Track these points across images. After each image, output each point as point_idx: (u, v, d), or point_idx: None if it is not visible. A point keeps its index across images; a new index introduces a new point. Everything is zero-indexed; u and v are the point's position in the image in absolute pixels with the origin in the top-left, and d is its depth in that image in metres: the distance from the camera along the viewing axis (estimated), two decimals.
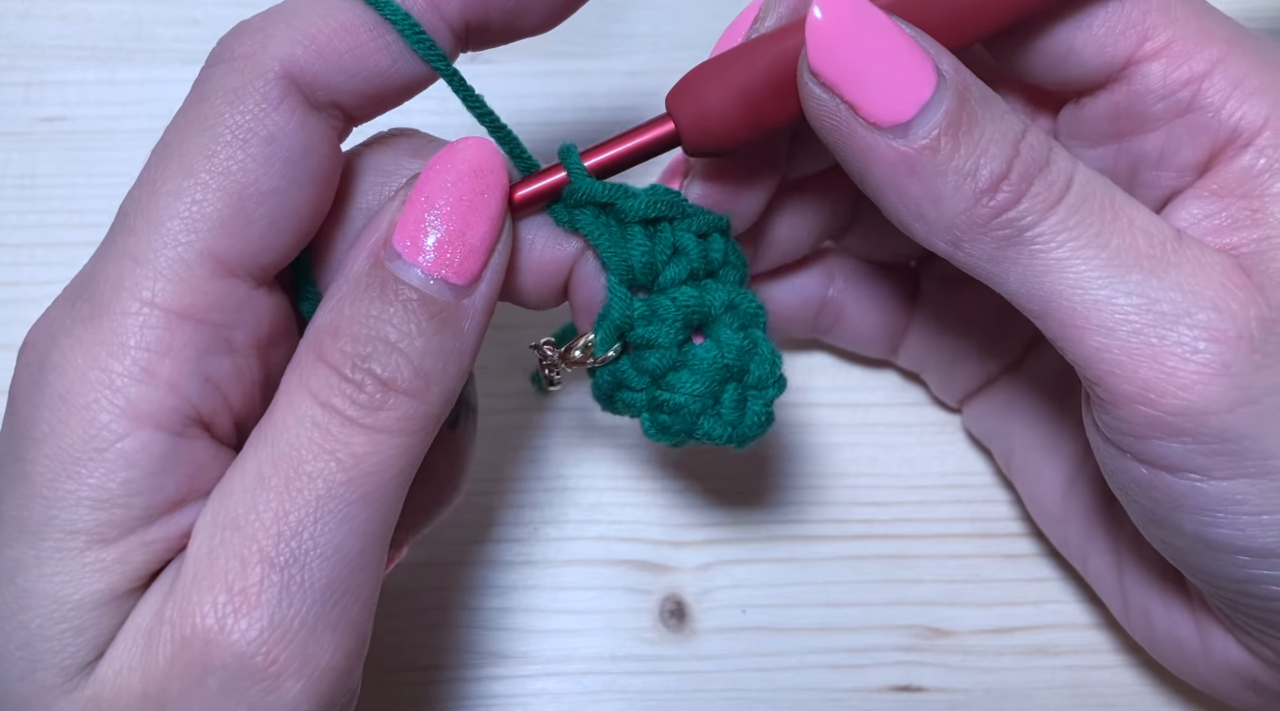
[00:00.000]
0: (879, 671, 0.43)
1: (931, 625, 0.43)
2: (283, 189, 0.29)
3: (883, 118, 0.29)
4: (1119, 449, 0.30)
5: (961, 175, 0.29)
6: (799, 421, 0.46)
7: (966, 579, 0.44)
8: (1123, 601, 0.39)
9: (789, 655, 0.43)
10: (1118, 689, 0.43)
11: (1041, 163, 0.29)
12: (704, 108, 0.31)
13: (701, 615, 0.44)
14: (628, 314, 0.32)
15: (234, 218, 0.28)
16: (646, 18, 0.48)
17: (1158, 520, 0.31)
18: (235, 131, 0.28)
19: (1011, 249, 0.29)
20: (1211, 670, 0.36)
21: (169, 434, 0.28)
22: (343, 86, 0.30)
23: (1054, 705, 0.43)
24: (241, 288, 0.29)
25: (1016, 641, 0.43)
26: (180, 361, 0.28)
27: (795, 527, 0.44)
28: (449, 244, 0.29)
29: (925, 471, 0.45)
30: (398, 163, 0.33)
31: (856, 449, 0.45)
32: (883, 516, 0.45)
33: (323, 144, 0.30)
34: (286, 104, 0.29)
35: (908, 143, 0.29)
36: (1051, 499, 0.41)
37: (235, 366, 0.29)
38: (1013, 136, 0.29)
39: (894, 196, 0.30)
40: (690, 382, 0.32)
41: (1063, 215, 0.29)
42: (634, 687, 0.43)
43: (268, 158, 0.29)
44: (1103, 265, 0.28)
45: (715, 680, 0.43)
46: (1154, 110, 0.31)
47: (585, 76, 0.47)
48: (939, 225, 0.29)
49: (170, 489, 0.28)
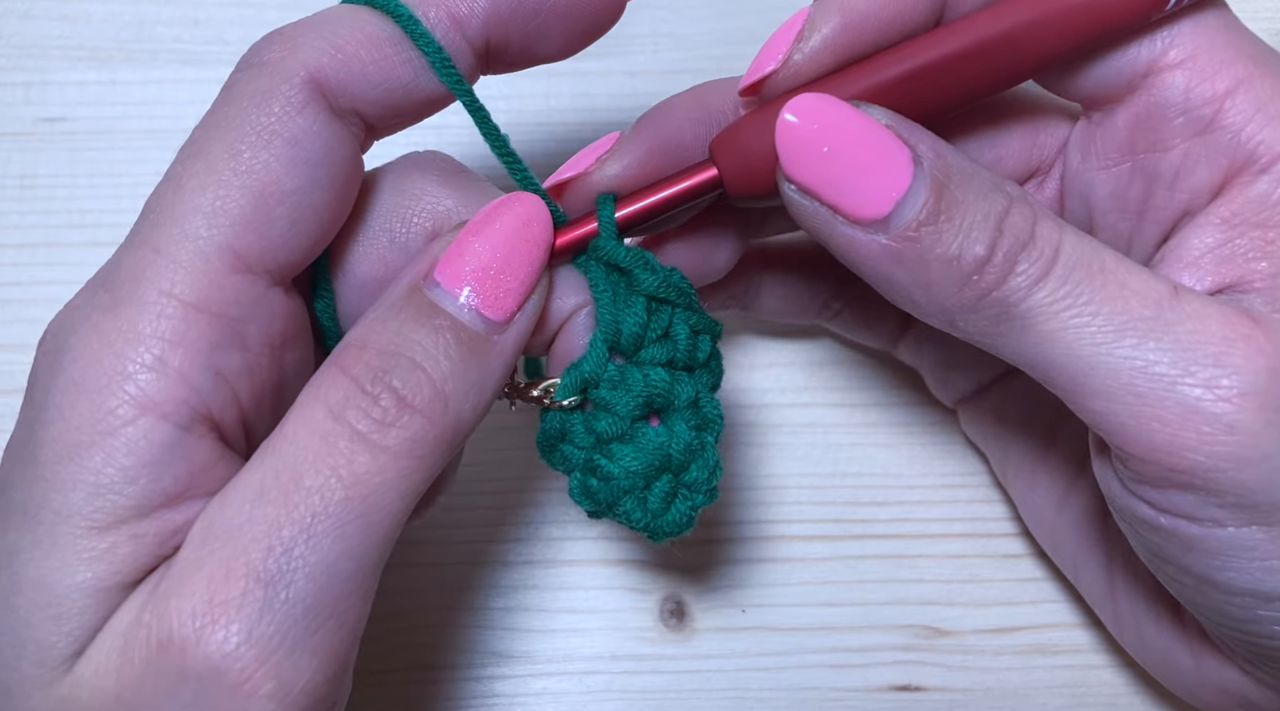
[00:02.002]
0: (879, 671, 0.43)
1: (931, 625, 0.44)
2: (303, 189, 0.30)
3: (861, 214, 0.29)
4: (1130, 492, 0.30)
5: (945, 261, 0.29)
6: (799, 421, 0.46)
7: (966, 579, 0.44)
8: (1114, 613, 0.39)
9: (789, 655, 0.43)
10: (1117, 688, 0.43)
11: (1025, 238, 0.29)
12: (749, 155, 0.31)
13: (701, 615, 0.44)
14: (598, 372, 0.33)
15: (255, 215, 0.29)
16: (646, 18, 0.48)
17: (1165, 558, 0.31)
18: (260, 132, 0.29)
19: (1004, 324, 0.29)
20: (1203, 687, 0.36)
21: (174, 425, 0.28)
22: (365, 96, 0.30)
23: (1054, 705, 0.43)
24: (258, 285, 0.29)
25: (1016, 641, 0.43)
26: (193, 353, 0.28)
27: (795, 527, 0.45)
28: (489, 280, 0.30)
29: (925, 471, 0.45)
30: (419, 185, 0.33)
31: (856, 449, 0.45)
32: (883, 516, 0.45)
33: (343, 149, 0.30)
34: (311, 108, 0.30)
35: (889, 236, 0.29)
36: (1047, 507, 0.41)
37: (247, 363, 0.29)
38: (995, 216, 0.29)
39: (883, 285, 0.30)
40: (630, 457, 0.33)
41: (1051, 288, 0.29)
42: (634, 687, 0.43)
43: (290, 159, 0.29)
44: (1096, 332, 0.28)
45: (715, 680, 0.43)
46: (1173, 125, 0.31)
47: (585, 76, 0.47)
48: (930, 308, 0.30)
49: (168, 482, 0.28)
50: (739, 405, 0.46)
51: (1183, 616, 0.36)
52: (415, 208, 0.33)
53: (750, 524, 0.45)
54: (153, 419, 0.28)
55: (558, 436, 0.34)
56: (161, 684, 0.26)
